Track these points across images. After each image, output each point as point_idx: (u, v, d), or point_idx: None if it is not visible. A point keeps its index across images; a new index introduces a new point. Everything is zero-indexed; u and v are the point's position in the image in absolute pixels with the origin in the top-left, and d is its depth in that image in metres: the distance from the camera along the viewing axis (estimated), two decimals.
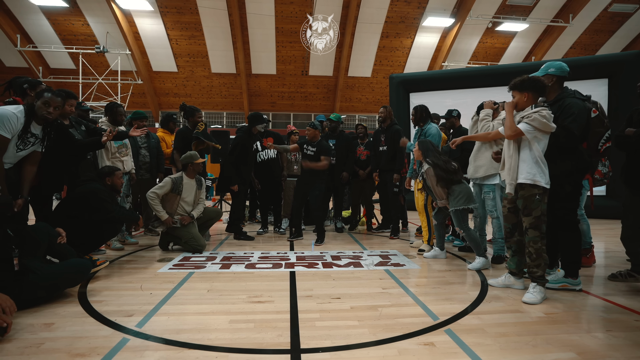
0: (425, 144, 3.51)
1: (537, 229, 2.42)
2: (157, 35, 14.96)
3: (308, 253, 3.78)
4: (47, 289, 2.27)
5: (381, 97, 17.62)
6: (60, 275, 2.33)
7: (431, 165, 3.35)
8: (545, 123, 2.34)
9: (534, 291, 2.40)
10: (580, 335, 1.91)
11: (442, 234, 3.64)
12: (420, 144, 3.52)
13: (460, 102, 6.78)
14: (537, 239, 2.42)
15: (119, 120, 4.02)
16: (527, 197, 2.41)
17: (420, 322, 2.04)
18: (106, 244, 3.84)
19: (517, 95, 2.49)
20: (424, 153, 3.46)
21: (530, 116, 2.37)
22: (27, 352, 1.67)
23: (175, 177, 3.85)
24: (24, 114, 2.38)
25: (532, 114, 2.37)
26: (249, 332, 1.90)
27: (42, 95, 2.50)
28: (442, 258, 3.59)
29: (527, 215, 2.43)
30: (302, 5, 13.93)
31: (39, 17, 14.26)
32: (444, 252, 3.62)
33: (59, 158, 2.92)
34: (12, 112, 2.31)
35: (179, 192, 3.82)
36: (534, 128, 2.36)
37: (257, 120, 4.56)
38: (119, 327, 1.95)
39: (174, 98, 17.21)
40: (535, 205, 2.40)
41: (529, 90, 2.45)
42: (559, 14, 15.03)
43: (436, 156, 3.39)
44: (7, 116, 2.28)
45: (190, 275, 2.95)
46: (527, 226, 2.44)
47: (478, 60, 16.77)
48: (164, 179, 4.70)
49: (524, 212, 2.45)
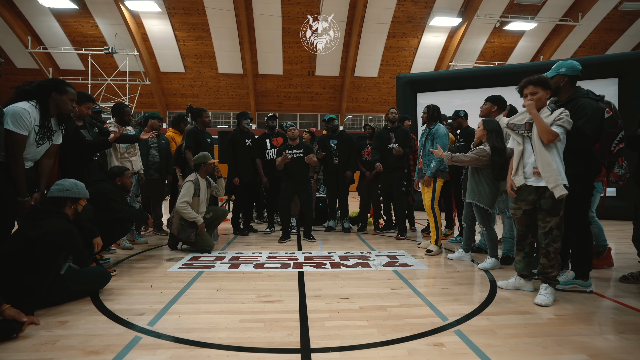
0: (492, 124, 3.18)
1: (559, 229, 2.43)
2: (165, 36, 15.09)
3: (316, 253, 3.80)
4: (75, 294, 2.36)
5: (387, 97, 17.58)
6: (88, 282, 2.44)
7: (492, 149, 3.09)
8: (571, 123, 2.35)
9: (546, 292, 2.39)
10: (592, 337, 1.89)
11: (470, 236, 3.56)
12: (486, 123, 3.20)
13: (467, 102, 6.74)
14: (558, 238, 2.42)
15: (126, 121, 4.07)
16: (556, 199, 2.35)
17: (429, 323, 2.04)
18: (116, 244, 3.90)
19: (541, 92, 2.44)
20: (489, 134, 3.14)
21: (562, 118, 2.34)
22: (43, 349, 1.71)
23: (194, 179, 3.87)
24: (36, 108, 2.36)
25: (563, 116, 2.34)
26: (259, 332, 1.92)
27: (65, 90, 2.48)
28: (467, 261, 3.53)
29: (555, 216, 2.40)
30: (308, 5, 13.95)
31: (49, 19, 14.47)
32: (469, 255, 3.56)
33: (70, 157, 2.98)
34: (23, 109, 2.28)
35: (199, 193, 3.86)
36: (564, 130, 2.36)
37: (242, 116, 4.88)
38: (131, 325, 1.98)
39: (181, 98, 17.35)
40: (562, 205, 2.41)
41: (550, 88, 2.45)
42: (567, 13, 14.86)
43: (500, 141, 3.11)
44: (20, 113, 2.26)
45: (199, 274, 2.98)
46: (553, 226, 2.42)
47: (485, 59, 16.65)
48: (171, 180, 4.80)
49: (551, 212, 2.40)
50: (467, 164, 3.26)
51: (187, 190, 3.76)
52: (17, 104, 2.31)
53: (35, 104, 2.36)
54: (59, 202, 2.32)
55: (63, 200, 2.32)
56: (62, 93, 2.47)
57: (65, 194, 2.32)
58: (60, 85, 2.46)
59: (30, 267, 2.06)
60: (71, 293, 2.33)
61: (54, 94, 2.43)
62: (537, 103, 2.43)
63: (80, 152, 3.09)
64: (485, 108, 3.42)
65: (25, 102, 2.33)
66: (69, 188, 2.34)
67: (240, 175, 4.74)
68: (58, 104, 2.47)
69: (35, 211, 2.27)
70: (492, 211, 3.29)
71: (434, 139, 3.91)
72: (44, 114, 2.39)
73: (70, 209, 2.35)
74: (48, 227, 2.12)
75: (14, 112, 2.25)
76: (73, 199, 2.36)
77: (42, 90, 2.39)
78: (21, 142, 2.27)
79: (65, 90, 2.49)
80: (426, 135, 4.00)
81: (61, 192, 2.31)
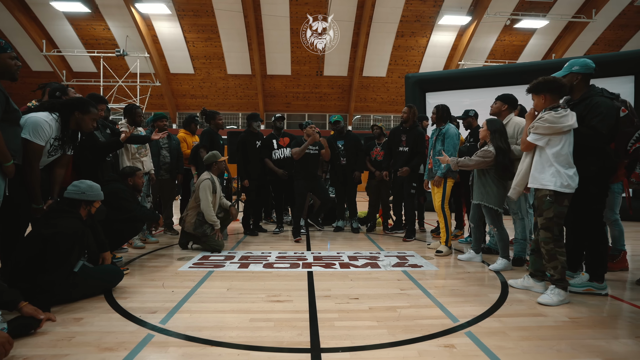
0: (496, 123, 3.18)
1: (548, 230, 2.40)
2: (175, 38, 15.29)
3: (325, 253, 3.80)
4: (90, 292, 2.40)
5: (396, 97, 17.51)
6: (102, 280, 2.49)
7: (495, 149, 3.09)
8: (550, 126, 2.32)
9: (552, 293, 2.37)
10: (608, 341, 1.86)
11: (478, 237, 3.54)
12: (490, 123, 3.21)
13: (477, 101, 6.66)
14: (548, 240, 2.40)
15: (137, 121, 4.14)
16: (538, 198, 2.43)
17: (439, 324, 2.03)
18: (128, 243, 3.96)
19: (535, 99, 2.49)
20: (493, 134, 3.16)
21: (534, 125, 2.39)
22: (60, 344, 1.75)
23: (210, 178, 3.91)
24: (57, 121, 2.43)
25: (535, 122, 2.39)
26: (269, 331, 1.93)
27: (89, 110, 2.57)
28: (477, 262, 3.50)
29: (539, 216, 2.45)
30: (316, 6, 13.97)
31: (63, 23, 14.78)
32: (479, 256, 3.53)
33: (84, 159, 3.05)
34: (44, 121, 2.34)
35: (215, 190, 3.92)
36: (541, 135, 2.37)
37: (252, 118, 4.92)
38: (143, 323, 2.01)
39: (190, 99, 17.54)
40: (546, 207, 2.38)
41: (545, 92, 2.43)
42: (581, 9, 14.60)
43: (503, 141, 3.11)
44: (40, 124, 2.32)
45: (209, 274, 3.01)
46: (539, 226, 2.46)
47: (496, 58, 16.46)
48: (182, 180, 4.87)
49: (536, 212, 2.48)
50: (473, 168, 3.24)
51: (208, 191, 3.81)
52: (38, 114, 2.37)
53: (57, 117, 2.43)
54: (73, 203, 2.36)
55: (78, 202, 2.37)
56: (85, 113, 2.56)
57: (80, 197, 2.36)
58: (85, 106, 2.56)
59: (43, 265, 2.10)
60: (85, 290, 2.37)
61: (76, 113, 2.53)
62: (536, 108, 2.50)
63: (94, 154, 3.15)
64: (496, 107, 3.38)
65: (46, 113, 2.39)
66: (84, 191, 2.38)
67: (251, 176, 4.79)
68: (79, 122, 2.56)
69: (50, 210, 2.32)
70: (501, 211, 3.26)
71: (444, 139, 3.88)
72: (64, 129, 2.47)
73: (84, 210, 2.40)
74: (61, 227, 2.17)
75: (35, 122, 2.30)
76: (87, 202, 2.40)
77: (67, 107, 2.49)
78: (38, 152, 2.33)
79: (89, 111, 2.58)
80: (436, 136, 3.97)
81: (77, 194, 2.36)
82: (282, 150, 4.99)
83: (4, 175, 2.14)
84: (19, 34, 14.70)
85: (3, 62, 2.13)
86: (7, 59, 2.13)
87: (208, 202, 3.79)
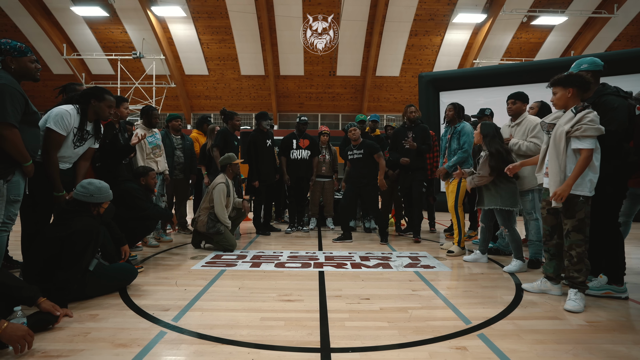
0: (489, 127, 3.21)
1: (580, 232, 2.30)
2: (189, 40, 15.51)
3: (337, 253, 3.79)
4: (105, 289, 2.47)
5: (410, 96, 17.33)
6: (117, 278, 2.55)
7: (489, 153, 3.12)
8: (600, 128, 2.20)
9: (576, 298, 2.28)
10: (628, 346, 1.79)
11: (486, 237, 3.49)
12: (483, 127, 3.23)
13: (493, 100, 6.54)
14: (580, 242, 2.31)
15: (153, 123, 4.21)
16: (569, 199, 2.29)
17: (451, 326, 2.00)
18: (143, 241, 4.04)
19: (559, 92, 2.37)
20: (485, 138, 3.18)
21: (581, 127, 2.23)
22: (76, 340, 1.80)
23: (224, 181, 3.96)
24: (77, 112, 2.59)
25: (583, 125, 2.22)
26: (280, 330, 1.94)
27: (104, 97, 2.71)
28: (483, 262, 3.46)
29: (570, 218, 2.32)
30: (329, 6, 13.95)
31: (83, 27, 15.19)
32: (485, 257, 3.49)
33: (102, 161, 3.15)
34: (66, 111, 2.51)
35: (229, 193, 3.97)
36: (594, 139, 2.24)
37: (261, 117, 4.92)
38: (156, 320, 2.05)
39: (205, 100, 17.77)
40: (579, 208, 2.28)
41: (574, 86, 2.32)
42: (601, 5, 14.13)
43: (499, 144, 3.12)
44: (62, 115, 2.48)
45: (222, 272, 3.04)
46: (570, 229, 2.32)
47: (512, 56, 16.09)
48: (195, 180, 4.94)
49: (566, 214, 2.34)
50: (489, 179, 3.19)
51: (222, 195, 3.86)
52: (61, 106, 2.56)
53: (78, 108, 2.61)
54: (82, 204, 2.39)
55: (86, 204, 2.40)
56: (100, 100, 2.70)
57: (89, 200, 2.36)
58: (99, 93, 2.71)
59: (59, 263, 2.16)
60: (101, 288, 2.43)
61: (93, 101, 2.67)
62: (557, 102, 2.39)
63: (112, 157, 3.24)
64: (516, 108, 3.34)
65: (69, 105, 2.58)
66: (92, 193, 2.38)
67: (261, 175, 4.81)
68: (96, 110, 2.70)
69: (62, 211, 2.36)
70: (517, 210, 3.20)
71: (459, 137, 3.83)
72: (83, 118, 2.62)
73: (94, 211, 2.43)
74: (76, 226, 2.21)
75: (58, 113, 2.48)
76: (95, 204, 2.43)
77: (83, 97, 2.65)
78: (56, 141, 2.47)
79: (104, 97, 2.72)
80: (451, 134, 3.92)
81: (85, 196, 2.36)
82: (300, 151, 5.03)
83: (24, 174, 2.22)
84: (41, 38, 15.19)
85: (24, 65, 2.24)
86: (28, 62, 2.27)
87: (222, 207, 3.84)
